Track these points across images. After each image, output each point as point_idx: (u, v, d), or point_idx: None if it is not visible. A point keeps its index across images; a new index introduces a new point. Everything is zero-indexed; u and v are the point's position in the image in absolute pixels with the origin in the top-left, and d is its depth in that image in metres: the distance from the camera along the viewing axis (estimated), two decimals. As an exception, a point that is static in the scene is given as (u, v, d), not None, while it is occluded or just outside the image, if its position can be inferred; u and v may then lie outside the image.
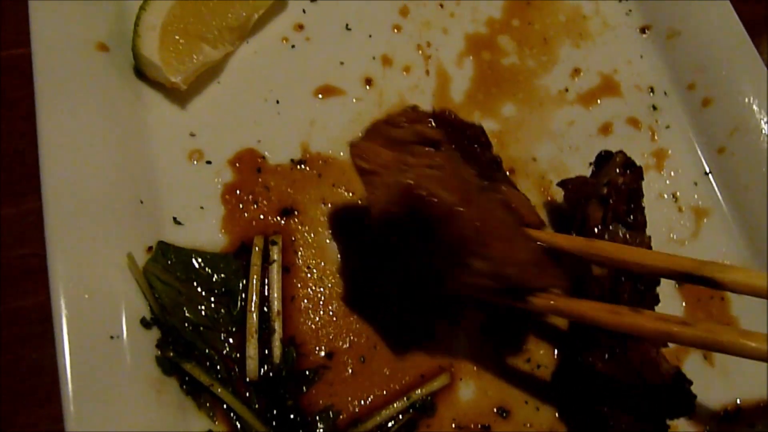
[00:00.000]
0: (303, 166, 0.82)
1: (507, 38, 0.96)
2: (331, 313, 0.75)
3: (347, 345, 0.74)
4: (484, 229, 0.62)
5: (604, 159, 0.79)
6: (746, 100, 0.93)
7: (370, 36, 0.91)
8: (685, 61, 0.98)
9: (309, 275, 0.76)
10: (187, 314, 0.71)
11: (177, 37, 0.79)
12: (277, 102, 0.84)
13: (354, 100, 0.87)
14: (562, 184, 0.81)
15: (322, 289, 0.76)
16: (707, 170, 0.94)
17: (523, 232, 0.68)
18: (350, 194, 0.81)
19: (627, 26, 1.02)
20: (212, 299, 0.73)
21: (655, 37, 1.01)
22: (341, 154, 0.83)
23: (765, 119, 0.92)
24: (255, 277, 0.74)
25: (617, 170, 0.77)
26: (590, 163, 0.84)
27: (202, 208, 0.77)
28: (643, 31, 1.02)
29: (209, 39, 0.81)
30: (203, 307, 0.72)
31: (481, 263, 0.62)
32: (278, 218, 0.78)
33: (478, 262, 0.62)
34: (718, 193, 0.93)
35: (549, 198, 0.87)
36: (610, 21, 1.02)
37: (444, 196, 0.61)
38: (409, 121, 0.68)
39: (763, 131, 0.91)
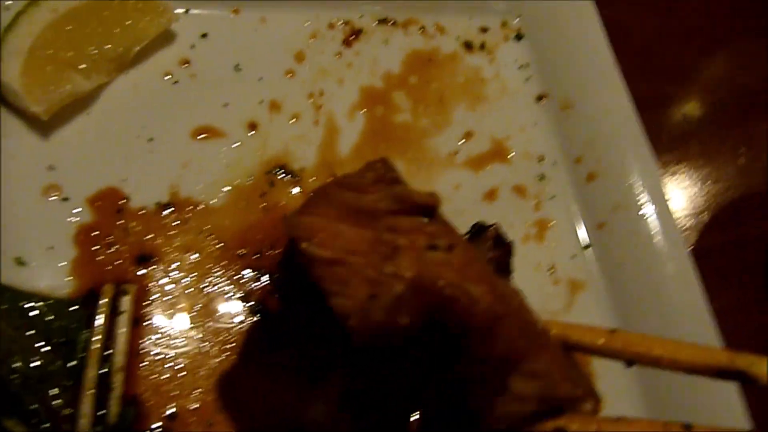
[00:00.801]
0: (169, 211, 0.77)
1: (403, 94, 0.95)
2: (179, 371, 0.71)
3: (194, 406, 0.70)
4: (526, 336, 0.46)
5: (477, 231, 0.78)
6: (629, 178, 0.95)
7: (260, 79, 0.89)
8: (576, 133, 0.99)
9: (161, 329, 0.72)
10: (16, 364, 0.65)
11: (44, 63, 0.74)
12: (150, 140, 0.80)
13: (234, 145, 0.83)
14: (436, 252, 0.79)
15: (172, 345, 0.72)
16: (586, 244, 0.94)
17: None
18: (219, 245, 0.78)
19: (524, 93, 1.03)
20: (48, 349, 0.67)
21: (550, 107, 1.02)
22: (214, 200, 0.79)
23: (646, 199, 0.93)
24: (100, 327, 0.69)
25: (489, 244, 0.76)
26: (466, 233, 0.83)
27: (51, 248, 0.72)
28: (539, 99, 1.02)
29: (82, 68, 0.76)
30: (37, 358, 0.67)
31: (528, 384, 0.45)
32: (135, 265, 0.74)
33: (523, 383, 0.45)
34: (595, 268, 0.93)
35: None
36: (508, 86, 1.02)
37: (477, 294, 0.43)
38: (379, 182, 0.50)
39: (643, 210, 0.93)
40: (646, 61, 1.18)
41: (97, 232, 0.74)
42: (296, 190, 0.84)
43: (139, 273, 0.74)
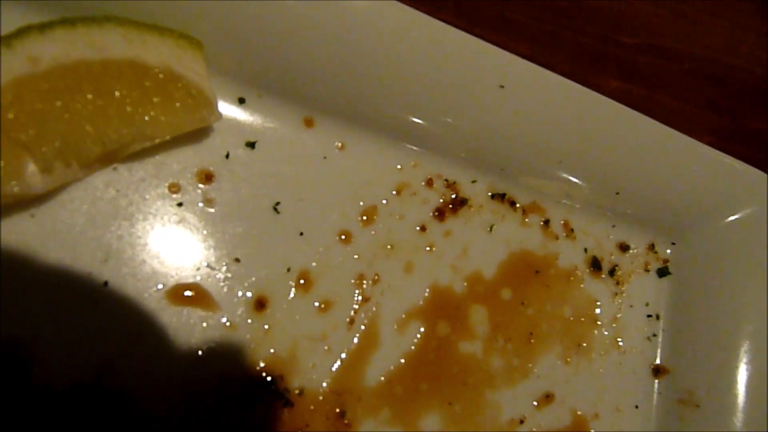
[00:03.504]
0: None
1: (484, 312, 0.66)
2: None
3: None
4: None
5: None
6: None
7: (301, 234, 0.60)
8: (686, 445, 0.69)
9: None
10: None
11: (-15, 138, 0.46)
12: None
13: (223, 325, 0.55)
14: None
15: None
16: None
17: None
18: None
19: (640, 356, 0.73)
20: None
21: (665, 390, 0.73)
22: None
23: None
24: None
25: None
26: None
27: None
28: (656, 372, 0.73)
29: (43, 155, 0.48)
30: None
31: None
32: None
33: None
34: None
35: None
36: (623, 340, 0.73)
37: None
38: None
39: None
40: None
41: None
42: (278, 419, 0.55)
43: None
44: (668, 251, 0.78)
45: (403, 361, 0.62)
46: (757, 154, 0.98)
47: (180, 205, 0.56)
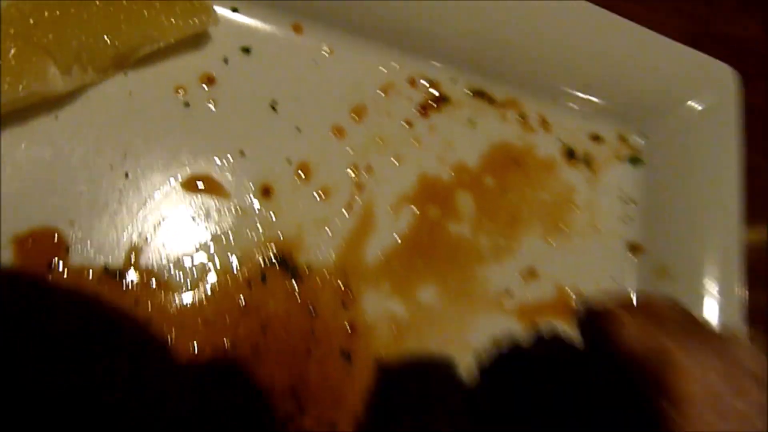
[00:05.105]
0: (118, 280, 0.56)
1: (470, 198, 0.73)
2: None
3: None
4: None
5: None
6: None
7: (298, 128, 0.66)
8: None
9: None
10: None
11: (9, 43, 0.52)
12: (126, 176, 0.58)
13: (235, 210, 0.61)
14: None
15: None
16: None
17: None
18: (171, 339, 0.57)
19: (616, 236, 0.80)
20: None
21: (641, 266, 0.79)
22: (178, 280, 0.58)
23: None
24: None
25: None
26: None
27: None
28: (632, 249, 0.80)
29: (61, 60, 0.54)
30: None
31: None
32: (44, 347, 0.53)
33: None
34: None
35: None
36: (600, 221, 0.79)
37: None
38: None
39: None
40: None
41: (10, 287, 0.53)
42: (290, 293, 0.62)
43: (43, 363, 0.53)
44: (641, 141, 0.84)
45: (399, 241, 0.68)
46: (725, 55, 1.03)
47: (187, 105, 0.63)
